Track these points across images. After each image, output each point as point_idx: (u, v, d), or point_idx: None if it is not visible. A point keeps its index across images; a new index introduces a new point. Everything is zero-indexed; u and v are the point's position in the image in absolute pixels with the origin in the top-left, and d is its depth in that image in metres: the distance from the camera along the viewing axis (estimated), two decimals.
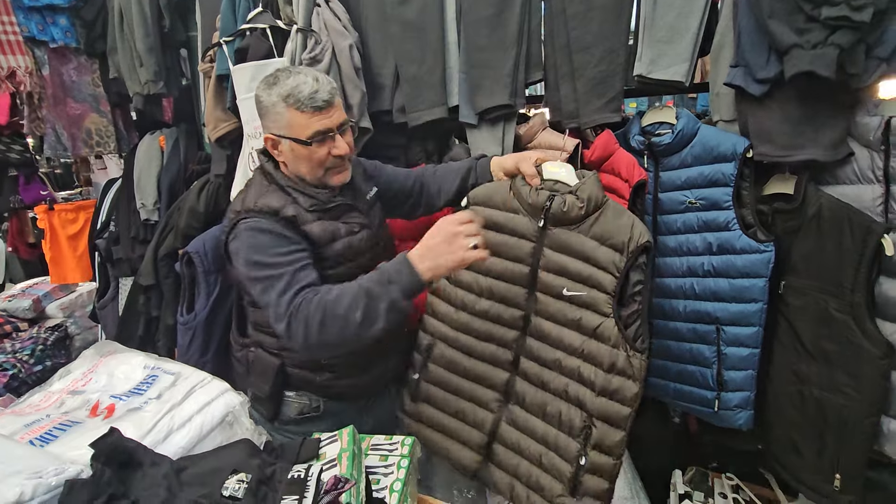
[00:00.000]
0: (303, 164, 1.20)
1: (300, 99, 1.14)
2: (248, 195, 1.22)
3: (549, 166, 1.28)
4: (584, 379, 1.16)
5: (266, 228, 1.14)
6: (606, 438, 1.13)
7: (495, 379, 1.30)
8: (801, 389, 1.34)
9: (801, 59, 1.15)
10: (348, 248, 1.24)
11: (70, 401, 0.85)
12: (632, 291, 1.13)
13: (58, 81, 2.18)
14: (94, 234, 2.37)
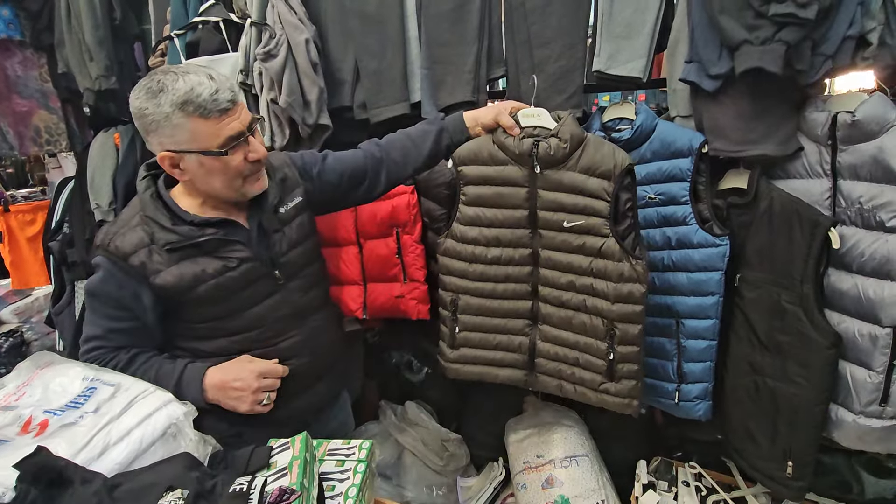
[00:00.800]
0: (216, 179, 1.06)
1: (200, 104, 0.98)
2: (115, 223, 1.12)
3: (524, 114, 1.33)
4: (598, 292, 1.32)
5: (107, 276, 1.07)
6: (627, 334, 1.31)
7: (521, 309, 1.44)
8: (756, 380, 1.37)
9: (750, 55, 1.17)
10: (216, 289, 1.11)
11: (1, 417, 0.81)
12: (623, 209, 1.27)
13: (1, 76, 2.08)
14: (49, 236, 2.29)
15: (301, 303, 1.25)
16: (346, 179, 1.33)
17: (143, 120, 1.01)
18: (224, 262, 1.11)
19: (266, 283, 1.18)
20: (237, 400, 1.11)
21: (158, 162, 1.06)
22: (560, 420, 1.85)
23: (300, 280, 1.25)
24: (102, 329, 1.10)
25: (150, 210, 1.08)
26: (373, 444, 1.09)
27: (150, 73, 1.03)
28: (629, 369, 1.34)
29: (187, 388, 1.08)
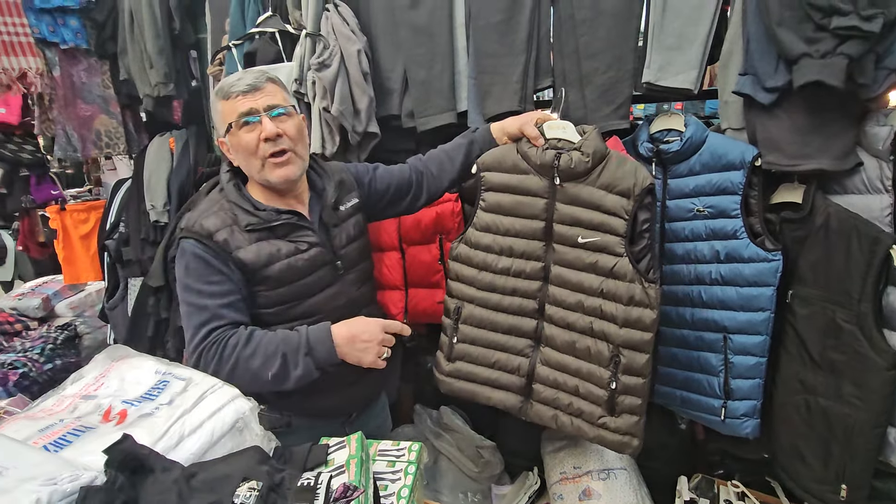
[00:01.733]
0: (241, 157, 1.18)
1: (224, 87, 1.15)
2: (195, 210, 1.21)
3: (550, 125, 1.33)
4: (607, 314, 1.27)
5: (199, 255, 1.14)
6: (634, 363, 1.25)
7: (524, 327, 1.39)
8: (808, 399, 1.34)
9: (810, 69, 1.15)
10: (289, 269, 1.19)
11: (83, 405, 0.86)
12: (640, 230, 1.25)
13: (68, 83, 2.20)
14: (104, 235, 2.39)
15: (355, 295, 1.32)
16: (392, 190, 1.42)
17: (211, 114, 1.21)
18: (296, 245, 1.20)
19: (328, 271, 1.25)
20: (363, 351, 1.14)
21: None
22: None
23: (355, 273, 1.32)
24: (211, 311, 1.12)
25: (233, 196, 1.19)
26: (422, 447, 1.11)
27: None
28: (631, 403, 1.27)
29: (318, 346, 1.12)
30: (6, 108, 2.63)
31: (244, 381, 1.04)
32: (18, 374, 2.32)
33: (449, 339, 1.46)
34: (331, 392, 1.27)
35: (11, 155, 2.89)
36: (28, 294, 2.87)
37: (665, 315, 1.55)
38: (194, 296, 1.14)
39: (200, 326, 1.11)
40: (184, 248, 1.16)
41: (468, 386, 1.46)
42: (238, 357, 1.10)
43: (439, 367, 1.49)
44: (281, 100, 1.17)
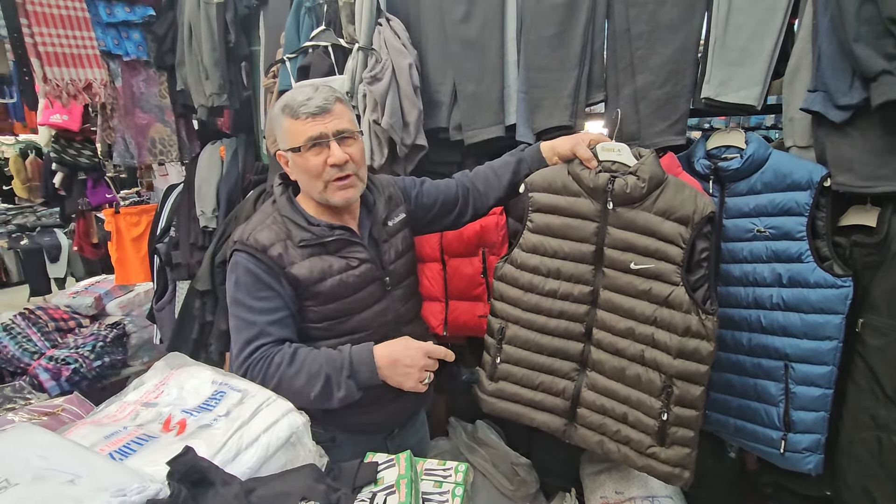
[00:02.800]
0: (302, 178, 1.17)
1: (293, 106, 1.12)
2: (249, 223, 1.20)
3: (604, 147, 1.29)
4: (660, 344, 1.22)
5: (251, 269, 1.13)
6: (688, 394, 1.20)
7: (570, 350, 1.36)
8: (880, 435, 1.25)
9: (891, 87, 1.09)
10: (341, 285, 1.19)
11: (144, 413, 0.88)
12: (698, 258, 1.19)
13: (128, 93, 2.30)
14: (155, 238, 2.48)
15: (401, 311, 1.31)
16: (438, 205, 1.41)
17: (269, 124, 1.19)
18: (347, 261, 1.19)
19: (377, 287, 1.25)
20: (405, 376, 1.14)
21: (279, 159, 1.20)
22: None
23: (402, 289, 1.32)
24: (259, 328, 1.12)
25: (286, 211, 1.19)
26: (468, 468, 1.09)
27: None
28: (683, 435, 1.22)
29: (361, 368, 1.13)
30: (69, 116, 2.76)
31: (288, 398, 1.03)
32: (71, 370, 2.42)
33: (492, 359, 1.43)
34: (374, 409, 1.26)
35: (71, 159, 3.04)
36: (82, 292, 3.00)
37: (719, 338, 1.49)
38: (244, 310, 1.14)
39: (248, 343, 1.12)
40: (236, 261, 1.16)
41: (511, 406, 1.43)
42: (282, 376, 1.11)
43: (482, 386, 1.47)
44: (348, 123, 1.17)
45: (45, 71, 1.79)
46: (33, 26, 1.75)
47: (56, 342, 2.64)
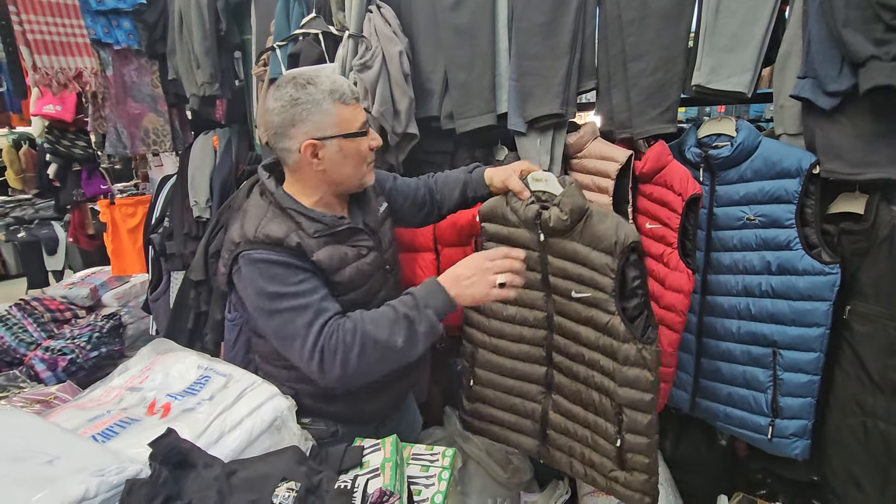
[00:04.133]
0: (350, 164, 1.14)
1: (344, 91, 1.10)
2: (245, 223, 1.11)
3: (533, 177, 1.29)
4: (605, 370, 1.24)
5: (275, 259, 1.06)
6: (636, 422, 1.20)
7: (535, 374, 1.40)
8: (865, 421, 1.26)
9: (878, 73, 1.08)
10: (357, 273, 1.17)
11: (129, 397, 0.88)
12: (631, 287, 1.18)
13: (120, 82, 2.28)
14: (149, 229, 2.48)
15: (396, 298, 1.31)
16: (409, 203, 1.43)
17: (295, 109, 1.07)
18: (357, 250, 1.19)
19: (381, 275, 1.26)
20: (473, 286, 1.09)
21: (304, 154, 1.09)
22: None
23: (395, 277, 1.33)
24: (314, 308, 1.05)
25: (289, 203, 1.13)
26: (455, 452, 1.10)
27: (280, 80, 1.14)
28: (639, 462, 1.22)
29: (433, 298, 1.08)
30: (62, 106, 2.75)
31: (373, 363, 1.04)
32: (67, 360, 2.43)
33: (466, 382, 1.50)
34: (374, 396, 1.26)
35: (65, 150, 3.03)
36: (78, 284, 3.00)
37: (710, 327, 1.50)
38: (290, 299, 1.05)
39: (310, 325, 1.03)
40: (255, 259, 1.06)
41: (489, 427, 1.51)
42: (363, 337, 1.04)
43: (462, 406, 1.54)
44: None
45: (34, 59, 1.78)
46: (22, 13, 1.73)
47: (52, 333, 2.64)
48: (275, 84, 1.14)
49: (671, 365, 1.46)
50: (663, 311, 1.41)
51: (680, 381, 1.57)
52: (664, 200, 1.42)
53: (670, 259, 1.40)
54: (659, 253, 1.44)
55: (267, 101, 1.12)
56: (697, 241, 1.44)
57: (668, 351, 1.43)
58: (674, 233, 1.39)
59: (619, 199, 1.50)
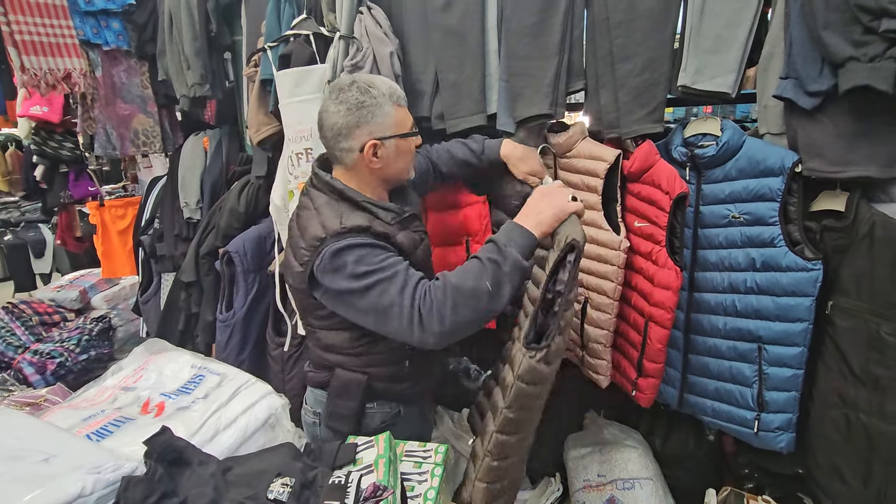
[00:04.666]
0: (402, 160, 1.25)
1: (400, 95, 1.22)
2: (324, 220, 1.15)
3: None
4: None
5: (362, 243, 1.11)
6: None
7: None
8: (848, 414, 1.29)
9: (857, 73, 1.11)
10: (423, 254, 1.29)
11: (123, 397, 0.88)
12: (555, 291, 1.15)
13: (109, 83, 2.28)
14: (139, 231, 2.47)
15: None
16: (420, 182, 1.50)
17: (361, 111, 1.16)
18: (419, 234, 1.28)
19: (428, 257, 1.35)
20: (547, 209, 1.15)
21: (366, 153, 1.17)
22: (623, 440, 1.81)
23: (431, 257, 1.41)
24: (403, 274, 1.09)
25: (360, 197, 1.20)
26: (448, 449, 1.11)
27: (336, 82, 1.22)
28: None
29: (512, 237, 1.12)
30: (49, 107, 2.73)
31: (468, 312, 1.06)
32: (56, 364, 2.41)
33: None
34: (429, 374, 1.40)
35: (52, 152, 3.00)
36: (66, 286, 2.98)
37: (697, 323, 1.52)
38: (379, 273, 1.09)
39: (402, 291, 1.07)
40: (344, 247, 1.10)
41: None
42: (453, 291, 1.06)
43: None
44: None
45: (22, 60, 1.77)
46: (9, 14, 1.72)
47: (40, 336, 2.61)
48: (332, 87, 1.21)
49: (660, 361, 1.48)
50: (653, 308, 1.44)
51: (668, 377, 1.59)
52: (652, 199, 1.45)
53: (659, 257, 1.42)
54: (648, 251, 1.46)
55: (325, 103, 1.20)
56: (684, 238, 1.47)
57: (658, 347, 1.45)
58: (662, 231, 1.41)
59: (609, 197, 1.52)
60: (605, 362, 1.57)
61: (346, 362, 1.26)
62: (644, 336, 1.48)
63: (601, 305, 1.53)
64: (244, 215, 1.96)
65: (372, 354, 1.24)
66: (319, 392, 1.29)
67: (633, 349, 1.53)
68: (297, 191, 1.69)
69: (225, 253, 1.90)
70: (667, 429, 1.80)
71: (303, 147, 1.65)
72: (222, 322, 1.90)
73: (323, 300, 1.16)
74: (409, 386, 1.32)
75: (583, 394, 1.94)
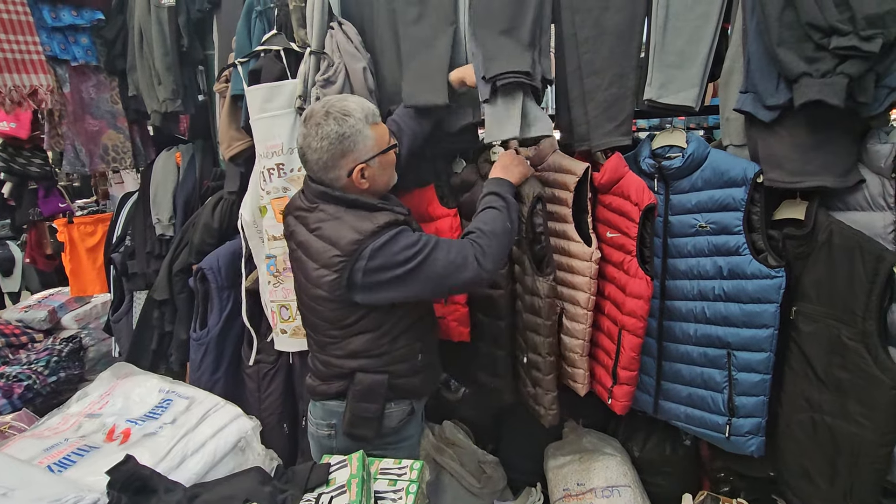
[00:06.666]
0: (388, 173, 1.32)
1: (374, 113, 1.27)
2: (354, 224, 1.21)
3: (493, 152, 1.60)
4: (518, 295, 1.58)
5: (398, 231, 1.21)
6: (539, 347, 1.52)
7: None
8: (813, 416, 1.33)
9: (810, 88, 1.16)
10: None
11: (87, 424, 0.86)
12: (536, 232, 1.48)
13: (77, 98, 2.24)
14: (110, 248, 2.42)
15: None
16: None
17: (343, 143, 1.21)
18: (419, 230, 1.34)
19: None
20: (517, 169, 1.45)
21: (354, 178, 1.24)
22: (602, 448, 1.82)
23: None
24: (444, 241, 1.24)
25: (374, 200, 1.28)
26: (423, 465, 1.11)
27: (308, 112, 1.26)
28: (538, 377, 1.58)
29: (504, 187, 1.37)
30: (17, 123, 2.67)
31: (505, 248, 1.30)
32: (23, 387, 2.34)
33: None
34: (436, 364, 1.49)
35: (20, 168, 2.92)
36: (34, 306, 2.90)
37: (669, 330, 1.55)
38: (425, 248, 1.20)
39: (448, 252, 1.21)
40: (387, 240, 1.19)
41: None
42: (489, 235, 1.26)
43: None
44: None
45: None
46: None
47: (7, 359, 2.54)
48: (308, 120, 1.24)
49: (634, 369, 1.50)
50: (625, 317, 1.46)
51: (643, 385, 1.62)
52: (622, 210, 1.48)
53: (630, 266, 1.45)
54: (619, 261, 1.49)
55: (307, 139, 1.23)
56: (654, 248, 1.50)
57: (631, 355, 1.47)
58: (632, 241, 1.44)
59: (579, 208, 1.55)
60: (582, 371, 1.59)
61: (367, 365, 1.30)
62: (618, 344, 1.50)
63: (575, 316, 1.55)
64: (218, 231, 1.94)
65: (392, 352, 1.30)
66: (333, 403, 1.32)
67: (608, 357, 1.55)
68: (269, 206, 1.68)
69: (199, 270, 1.87)
70: (644, 435, 1.83)
71: (274, 163, 1.64)
72: (196, 340, 1.87)
73: (365, 298, 1.22)
74: (422, 379, 1.40)
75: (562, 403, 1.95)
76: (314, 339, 1.35)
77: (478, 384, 1.81)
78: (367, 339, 1.28)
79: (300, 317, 1.41)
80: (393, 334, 1.30)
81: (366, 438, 1.30)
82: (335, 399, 1.32)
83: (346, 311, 1.25)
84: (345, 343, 1.29)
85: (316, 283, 1.24)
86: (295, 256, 1.33)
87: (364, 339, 1.29)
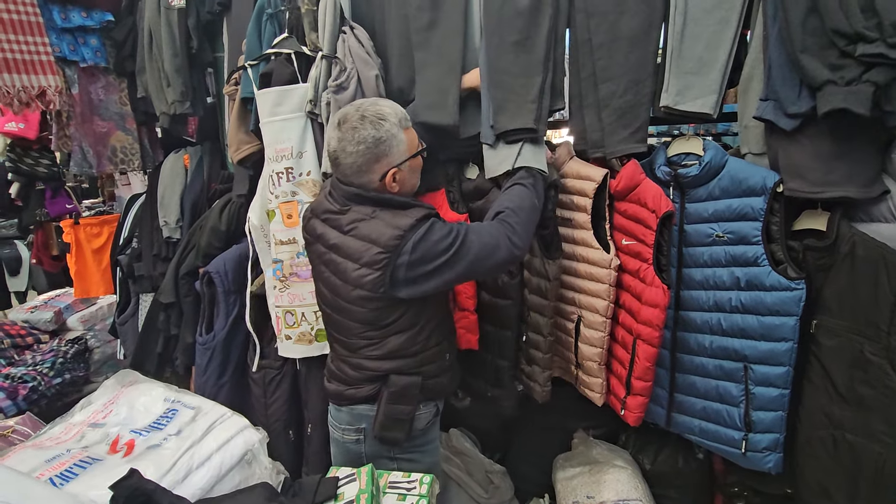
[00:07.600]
0: (415, 177, 1.33)
1: (406, 116, 1.28)
2: (391, 220, 1.22)
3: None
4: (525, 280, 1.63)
5: (434, 222, 1.22)
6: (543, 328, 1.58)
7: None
8: (834, 433, 1.29)
9: (834, 96, 1.13)
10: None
11: (90, 434, 0.84)
12: (545, 217, 1.49)
13: (86, 100, 2.23)
14: (117, 250, 2.41)
15: None
16: None
17: (379, 148, 1.22)
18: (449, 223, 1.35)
19: None
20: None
21: (386, 181, 1.25)
22: (612, 460, 1.79)
23: None
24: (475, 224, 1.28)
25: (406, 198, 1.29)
26: (433, 479, 1.08)
27: (342, 115, 1.24)
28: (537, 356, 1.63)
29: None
30: (25, 124, 2.67)
31: (533, 225, 1.34)
32: (28, 388, 2.32)
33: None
34: (456, 363, 1.47)
35: (28, 169, 2.93)
36: (41, 307, 2.89)
37: (683, 342, 1.52)
38: (459, 235, 1.22)
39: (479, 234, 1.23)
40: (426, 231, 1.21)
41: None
42: (516, 214, 1.29)
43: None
44: None
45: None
46: None
47: (12, 359, 2.53)
48: (343, 124, 1.23)
49: (649, 379, 1.47)
50: (640, 326, 1.43)
51: (656, 397, 1.58)
52: (639, 217, 1.45)
53: (646, 275, 1.42)
54: (635, 269, 1.46)
55: (342, 143, 1.22)
56: (670, 257, 1.47)
57: (646, 365, 1.44)
58: (649, 249, 1.41)
59: (597, 216, 1.52)
60: (600, 380, 1.56)
61: (402, 367, 1.30)
62: (632, 354, 1.47)
63: (594, 324, 1.53)
64: (225, 234, 1.92)
65: (424, 352, 1.32)
66: (363, 407, 1.32)
67: (622, 367, 1.52)
68: (277, 210, 1.66)
69: (205, 273, 1.85)
70: (656, 448, 1.79)
71: (283, 166, 1.63)
72: (202, 345, 1.85)
73: (409, 292, 1.22)
74: (448, 378, 1.42)
75: (572, 413, 1.92)
76: (344, 342, 1.33)
77: (479, 394, 1.79)
78: (404, 337, 1.29)
79: (321, 321, 1.43)
80: (426, 332, 1.32)
81: (396, 441, 1.30)
82: (364, 403, 1.32)
83: (387, 310, 1.26)
84: (383, 343, 1.29)
85: (357, 284, 1.23)
86: (325, 259, 1.30)
87: (402, 339, 1.29)
